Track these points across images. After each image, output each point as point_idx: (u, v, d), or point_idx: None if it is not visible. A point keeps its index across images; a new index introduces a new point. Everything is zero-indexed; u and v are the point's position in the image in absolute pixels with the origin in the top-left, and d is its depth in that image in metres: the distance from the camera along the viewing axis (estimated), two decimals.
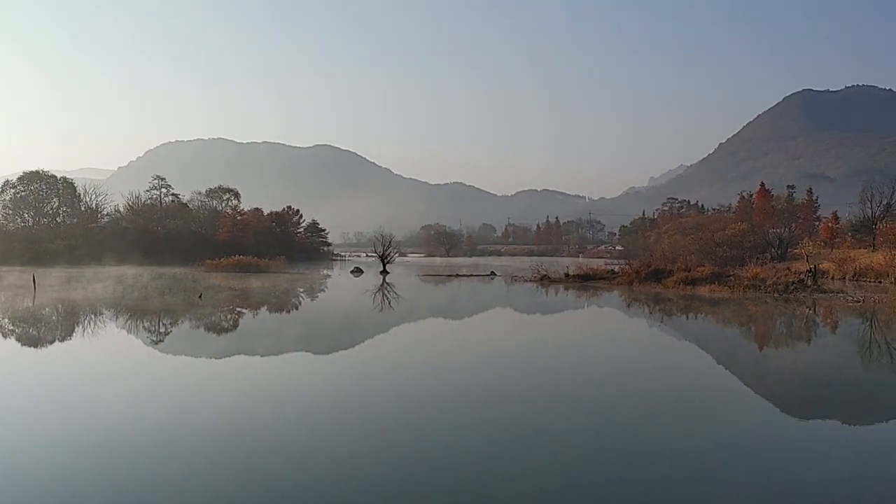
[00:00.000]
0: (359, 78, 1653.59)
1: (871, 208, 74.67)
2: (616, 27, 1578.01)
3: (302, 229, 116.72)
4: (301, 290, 43.65)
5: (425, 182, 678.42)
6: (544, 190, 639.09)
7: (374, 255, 76.90)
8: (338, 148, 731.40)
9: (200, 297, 34.01)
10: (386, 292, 41.74)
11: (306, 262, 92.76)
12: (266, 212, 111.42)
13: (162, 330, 23.53)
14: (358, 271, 66.97)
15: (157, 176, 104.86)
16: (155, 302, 32.79)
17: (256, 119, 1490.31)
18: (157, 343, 20.43)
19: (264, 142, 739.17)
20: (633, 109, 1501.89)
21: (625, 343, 21.71)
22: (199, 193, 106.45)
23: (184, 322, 25.57)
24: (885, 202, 73.95)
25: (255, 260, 66.84)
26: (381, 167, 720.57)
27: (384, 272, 65.15)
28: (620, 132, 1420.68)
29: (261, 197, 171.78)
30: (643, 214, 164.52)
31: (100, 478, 7.97)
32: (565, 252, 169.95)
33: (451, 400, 12.37)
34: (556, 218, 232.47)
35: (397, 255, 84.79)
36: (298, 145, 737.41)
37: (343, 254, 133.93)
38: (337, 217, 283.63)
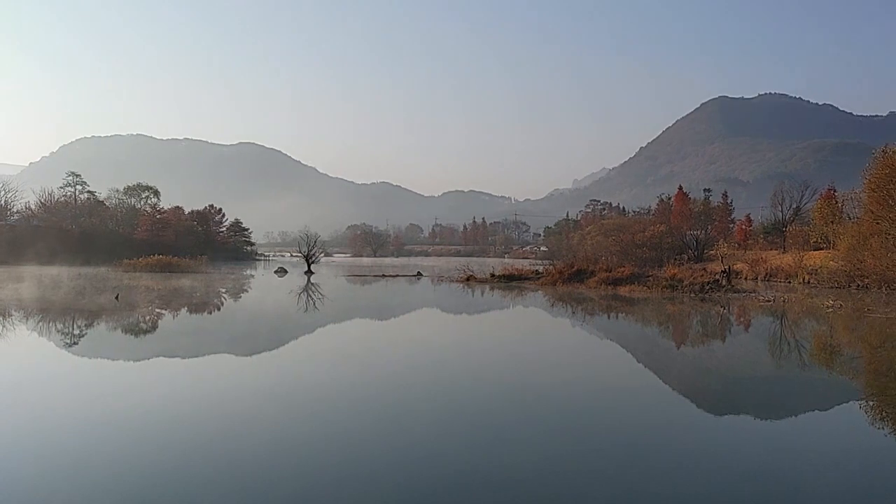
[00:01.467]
0: (284, 76, 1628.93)
1: (782, 211, 78.08)
2: (542, 32, 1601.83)
3: (224, 229, 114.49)
4: (223, 290, 42.70)
5: (351, 181, 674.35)
6: (471, 191, 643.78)
7: (299, 255, 76.00)
8: (262, 146, 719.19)
9: (117, 297, 32.85)
10: (311, 293, 41.26)
11: (229, 262, 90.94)
12: (187, 210, 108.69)
13: (76, 332, 22.59)
14: (282, 271, 66.03)
15: (72, 172, 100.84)
16: (68, 302, 31.48)
17: (178, 116, 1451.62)
18: (69, 346, 19.57)
19: (186, 139, 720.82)
20: (558, 113, 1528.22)
21: (548, 342, 22.02)
22: (117, 191, 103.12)
23: (99, 324, 24.64)
24: (794, 206, 77.39)
25: (175, 259, 65.10)
26: (306, 166, 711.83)
27: (309, 272, 64.43)
28: (546, 135, 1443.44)
29: (182, 195, 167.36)
30: (567, 216, 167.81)
31: None
32: (491, 252, 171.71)
33: (374, 401, 12.29)
34: (483, 219, 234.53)
35: (323, 255, 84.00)
36: (221, 143, 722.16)
37: (267, 254, 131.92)
38: (261, 216, 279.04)
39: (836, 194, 70.55)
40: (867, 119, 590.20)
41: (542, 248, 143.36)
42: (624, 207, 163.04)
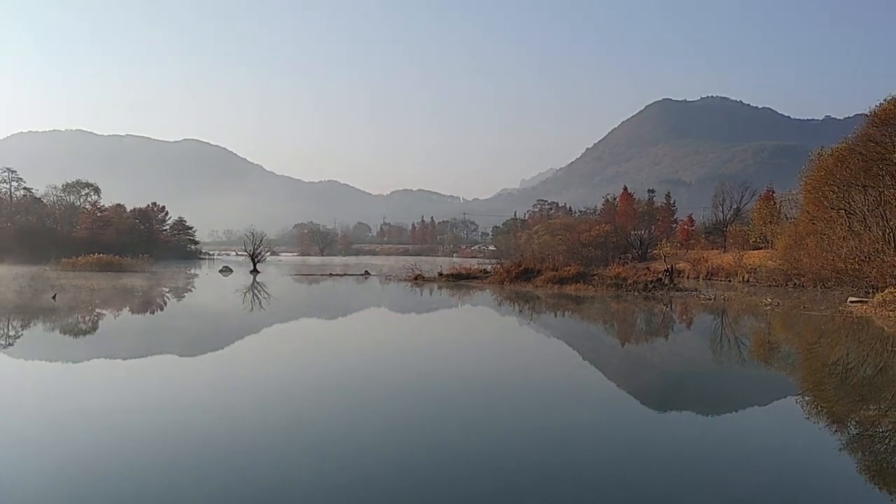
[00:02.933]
0: (229, 71, 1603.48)
1: (722, 212, 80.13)
2: (491, 34, 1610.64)
3: (168, 227, 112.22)
4: (166, 289, 41.82)
5: (299, 179, 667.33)
6: (420, 190, 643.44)
7: (245, 254, 74.88)
8: (207, 143, 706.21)
9: (55, 297, 31.87)
10: (256, 292, 40.71)
11: (172, 261, 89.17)
12: (129, 208, 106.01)
13: (11, 333, 21.82)
14: (227, 270, 65.03)
15: (7, 168, 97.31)
16: (1, 302, 30.41)
17: (119, 111, 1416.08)
18: (2, 349, 18.90)
19: (128, 135, 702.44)
20: (507, 113, 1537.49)
21: (496, 341, 22.13)
22: (55, 188, 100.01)
23: (35, 325, 23.87)
24: (734, 206, 79.48)
25: (116, 258, 63.51)
26: (252, 163, 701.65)
27: (254, 271, 63.58)
28: (494, 135, 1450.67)
29: (124, 192, 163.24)
30: (515, 215, 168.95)
31: None
32: (440, 252, 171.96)
33: (323, 401, 12.18)
34: (431, 218, 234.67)
35: (269, 254, 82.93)
36: (165, 139, 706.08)
37: (212, 252, 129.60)
38: (206, 215, 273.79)
39: (774, 195, 72.54)
40: (804, 122, 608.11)
41: (490, 248, 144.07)
42: (571, 207, 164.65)
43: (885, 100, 38.55)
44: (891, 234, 36.30)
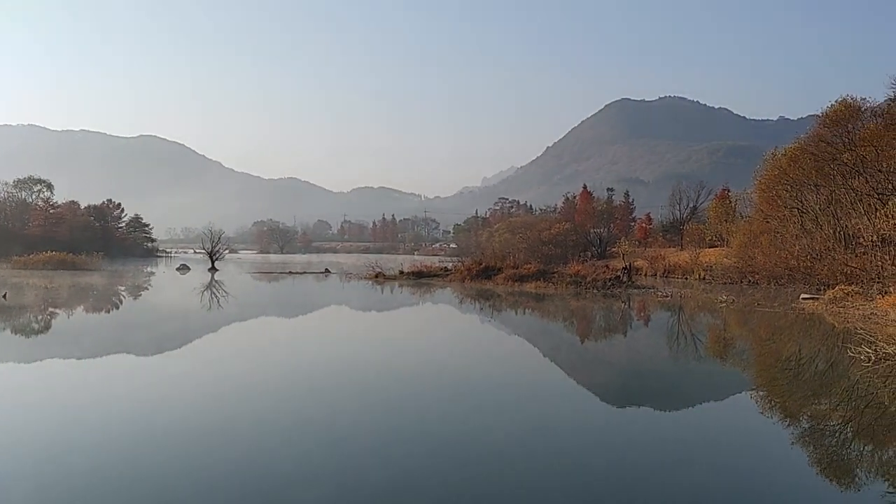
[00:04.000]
0: (187, 67, 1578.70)
1: (679, 211, 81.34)
2: (454, 33, 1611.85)
3: (124, 224, 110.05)
4: (122, 288, 41.06)
5: (258, 177, 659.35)
6: (381, 187, 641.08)
7: (203, 251, 73.84)
8: (164, 139, 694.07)
9: (5, 296, 31.07)
10: (215, 290, 40.19)
11: (128, 259, 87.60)
12: (84, 205, 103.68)
13: None
14: (184, 268, 64.05)
15: None
16: None
17: (73, 105, 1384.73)
18: None
19: (82, 130, 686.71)
20: (469, 111, 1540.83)
21: (457, 338, 22.20)
22: (6, 184, 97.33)
23: None
24: (691, 205, 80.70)
25: (70, 256, 62.11)
26: (211, 160, 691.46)
27: (213, 269, 62.76)
28: (456, 133, 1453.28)
29: (78, 189, 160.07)
30: (476, 213, 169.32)
31: None
32: (401, 250, 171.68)
33: (283, 400, 12.08)
34: (393, 215, 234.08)
35: (227, 251, 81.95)
36: (121, 135, 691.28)
37: (169, 250, 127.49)
38: (163, 212, 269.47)
39: (729, 194, 73.79)
40: (759, 122, 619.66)
41: (451, 246, 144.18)
42: (531, 205, 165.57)
43: (836, 101, 39.58)
44: (841, 233, 37.24)
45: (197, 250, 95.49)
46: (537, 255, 66.16)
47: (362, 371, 15.06)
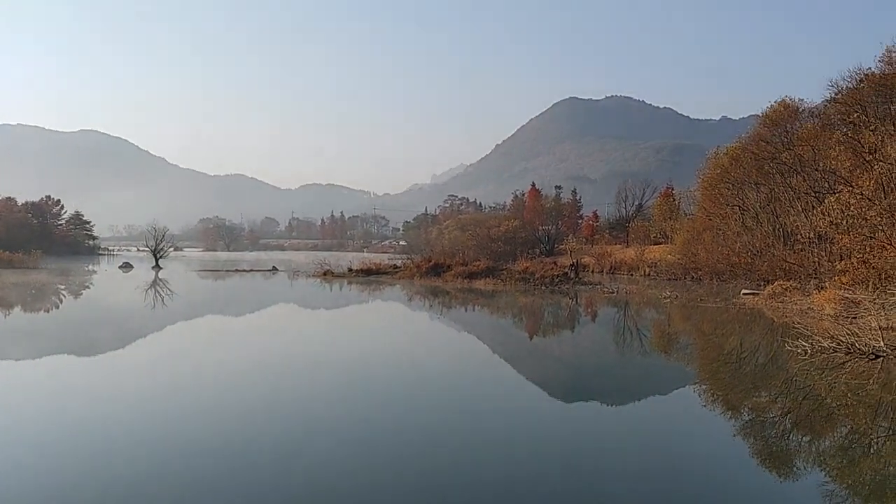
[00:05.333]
0: (129, 59, 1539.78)
1: (625, 208, 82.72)
2: (404, 29, 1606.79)
3: (63, 221, 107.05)
4: (62, 286, 39.93)
5: (203, 173, 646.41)
6: (329, 184, 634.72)
7: (146, 249, 72.28)
8: (106, 134, 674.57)
9: None
10: (159, 289, 39.38)
11: (69, 257, 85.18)
12: (20, 201, 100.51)
13: None
14: (127, 267, 62.60)
15: None
16: None
17: (9, 98, 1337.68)
18: None
19: (18, 124, 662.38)
20: (419, 108, 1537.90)
21: (406, 336, 22.16)
22: None
23: None
24: (636, 203, 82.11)
25: (5, 254, 60.15)
26: (154, 156, 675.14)
27: (157, 267, 61.52)
28: (406, 130, 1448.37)
29: (14, 185, 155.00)
30: (426, 210, 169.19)
31: None
32: (350, 247, 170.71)
33: (227, 400, 11.90)
34: (342, 213, 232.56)
35: (172, 249, 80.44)
36: (60, 129, 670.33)
37: (111, 248, 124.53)
38: (105, 209, 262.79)
39: (673, 192, 75.23)
40: (702, 122, 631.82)
41: (401, 243, 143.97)
42: (481, 203, 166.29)
43: (775, 102, 40.74)
44: (780, 230, 38.36)
45: (140, 248, 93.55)
46: (487, 252, 66.52)
47: (310, 369, 14.94)
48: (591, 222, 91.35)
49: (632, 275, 52.20)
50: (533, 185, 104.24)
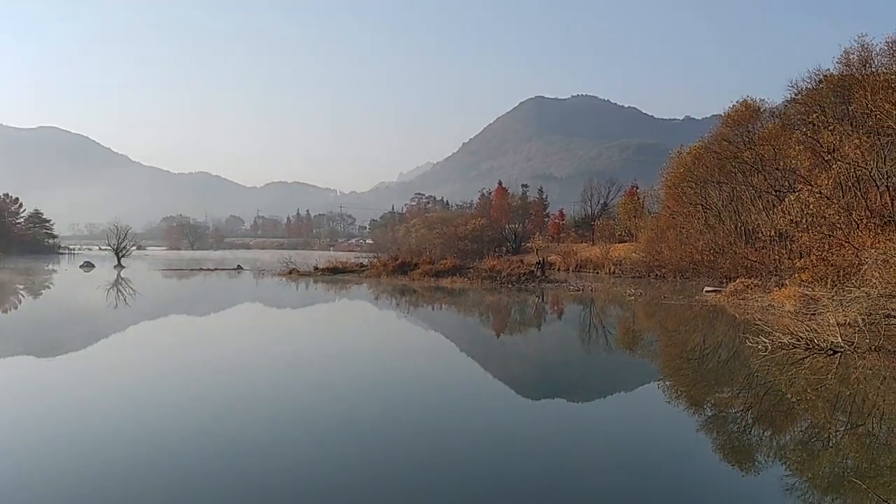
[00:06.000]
0: (91, 54, 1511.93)
1: (591, 207, 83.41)
2: (370, 25, 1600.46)
3: (22, 220, 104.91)
4: (20, 286, 39.11)
5: (167, 171, 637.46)
6: (295, 182, 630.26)
7: (108, 248, 71.06)
8: (67, 131, 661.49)
9: None
10: (121, 288, 38.76)
11: (28, 257, 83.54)
12: None
13: None
14: (89, 266, 61.50)
15: None
16: None
17: None
18: None
19: None
20: (385, 107, 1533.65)
21: (373, 334, 22.06)
22: None
23: None
24: (602, 201, 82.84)
25: None
26: (117, 153, 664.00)
27: (119, 266, 60.53)
28: (372, 128, 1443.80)
29: None
30: (392, 209, 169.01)
31: None
32: (316, 245, 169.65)
33: (192, 401, 11.76)
34: (308, 211, 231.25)
35: (135, 248, 79.23)
36: (18, 126, 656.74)
37: (72, 247, 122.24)
38: (66, 207, 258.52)
39: (638, 191, 76.03)
40: (666, 122, 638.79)
41: (367, 242, 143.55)
42: (448, 201, 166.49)
43: (737, 102, 41.41)
44: (742, 228, 38.98)
45: (102, 247, 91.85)
46: (453, 250, 66.59)
47: (275, 369, 14.82)
48: (557, 221, 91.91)
49: (597, 273, 52.64)
50: (500, 183, 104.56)
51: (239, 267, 60.00)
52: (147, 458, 8.45)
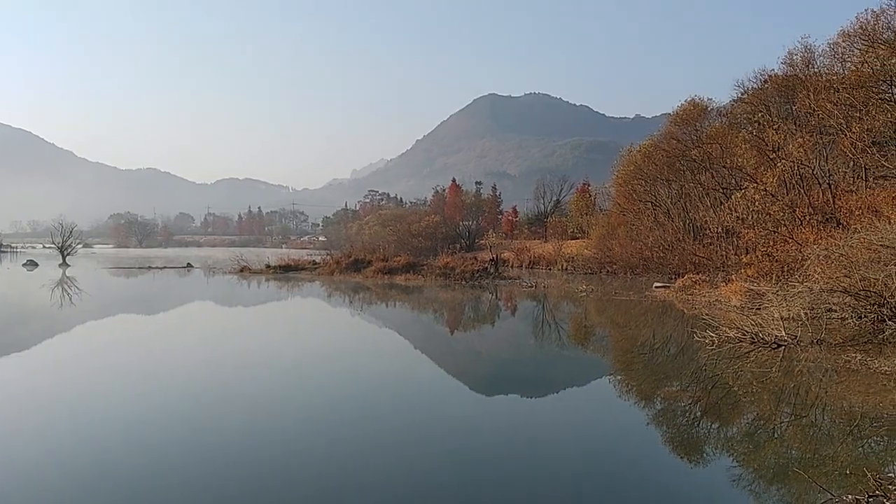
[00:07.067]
0: (30, 46, 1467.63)
1: (544, 204, 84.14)
2: (326, 25, 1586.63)
3: None
4: None
5: (114, 167, 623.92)
6: (246, 179, 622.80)
7: (53, 246, 69.12)
8: (7, 125, 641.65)
9: None
10: (66, 287, 37.75)
11: None
12: None
13: None
14: (31, 264, 59.76)
15: None
16: None
17: None
18: None
19: None
20: (339, 103, 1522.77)
21: (325, 332, 21.92)
22: None
23: None
24: (554, 199, 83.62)
25: None
26: (61, 149, 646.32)
27: (64, 265, 58.95)
28: (325, 124, 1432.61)
29: None
30: (346, 206, 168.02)
31: None
32: (268, 243, 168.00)
33: (143, 401, 11.51)
34: (259, 208, 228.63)
35: (81, 246, 77.27)
36: None
37: (14, 245, 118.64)
38: (7, 204, 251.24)
39: (589, 188, 77.00)
40: (617, 120, 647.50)
41: (320, 239, 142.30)
42: (401, 198, 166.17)
43: (685, 101, 42.20)
44: (690, 225, 39.74)
45: (46, 245, 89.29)
46: (407, 247, 66.47)
47: (226, 368, 14.62)
48: (510, 218, 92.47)
49: (550, 269, 53.11)
50: (453, 180, 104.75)
51: (189, 265, 58.93)
52: (77, 460, 8.27)
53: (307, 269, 46.79)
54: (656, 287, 32.35)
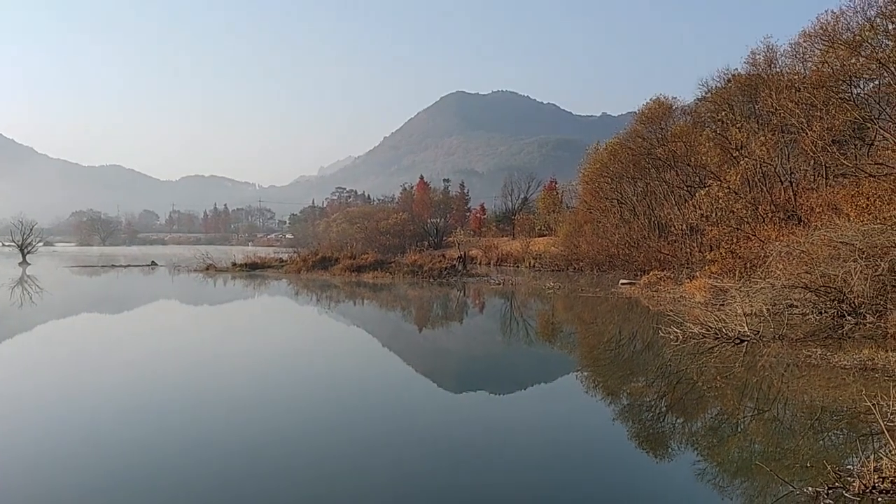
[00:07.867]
0: None
1: (511, 201, 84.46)
2: (293, 21, 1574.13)
3: None
4: None
5: (77, 163, 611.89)
6: (212, 176, 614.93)
7: (12, 244, 67.70)
8: None
9: None
10: (26, 286, 37.01)
11: None
12: None
13: None
14: None
15: None
16: None
17: None
18: None
19: None
20: (306, 100, 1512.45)
21: (293, 330, 21.78)
22: None
23: None
24: (522, 196, 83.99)
25: None
26: (21, 145, 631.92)
27: (24, 263, 57.80)
28: (291, 121, 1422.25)
29: None
30: (313, 203, 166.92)
31: None
32: (235, 240, 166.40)
33: (107, 404, 11.34)
34: (225, 205, 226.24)
35: (41, 244, 75.77)
36: None
37: None
38: None
39: (557, 186, 77.50)
40: (584, 118, 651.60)
41: (287, 236, 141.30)
42: (369, 195, 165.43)
43: (651, 100, 42.64)
44: (656, 222, 40.20)
45: (5, 243, 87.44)
46: (375, 245, 66.36)
47: (193, 368, 14.45)
48: (478, 215, 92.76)
49: (517, 266, 53.35)
50: (421, 177, 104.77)
51: (153, 263, 58.10)
52: (38, 460, 8.13)
53: (274, 266, 46.44)
54: (622, 284, 32.67)
